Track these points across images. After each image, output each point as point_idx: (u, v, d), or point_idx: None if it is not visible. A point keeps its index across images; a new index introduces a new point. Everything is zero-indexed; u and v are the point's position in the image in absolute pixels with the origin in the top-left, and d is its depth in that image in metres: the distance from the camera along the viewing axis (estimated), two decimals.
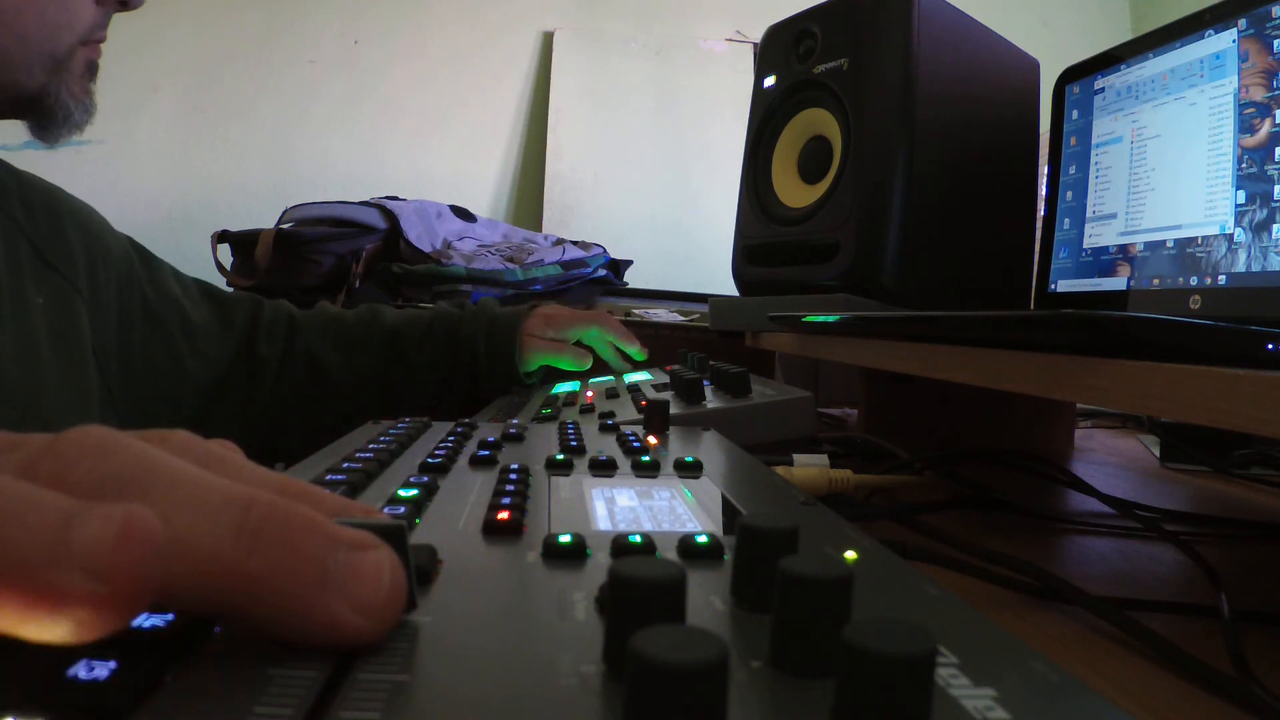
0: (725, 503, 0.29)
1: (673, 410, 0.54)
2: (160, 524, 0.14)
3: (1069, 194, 0.76)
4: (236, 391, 0.75)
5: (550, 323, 0.82)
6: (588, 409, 0.60)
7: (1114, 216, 0.70)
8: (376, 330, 0.80)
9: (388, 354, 0.80)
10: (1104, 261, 0.71)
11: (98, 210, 0.72)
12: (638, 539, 0.22)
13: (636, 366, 0.85)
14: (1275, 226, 0.55)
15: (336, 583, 0.15)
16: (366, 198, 1.46)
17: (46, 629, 0.13)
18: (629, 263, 1.58)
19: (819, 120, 0.80)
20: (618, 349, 0.85)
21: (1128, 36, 0.72)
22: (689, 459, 0.34)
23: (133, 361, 0.69)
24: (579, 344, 0.83)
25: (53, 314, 0.61)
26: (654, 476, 0.33)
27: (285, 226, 1.34)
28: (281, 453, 0.79)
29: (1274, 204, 0.56)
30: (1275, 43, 0.56)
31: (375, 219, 1.36)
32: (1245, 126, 0.58)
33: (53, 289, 0.62)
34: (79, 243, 0.66)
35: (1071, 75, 0.77)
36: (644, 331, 0.99)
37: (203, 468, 0.17)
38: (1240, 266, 0.58)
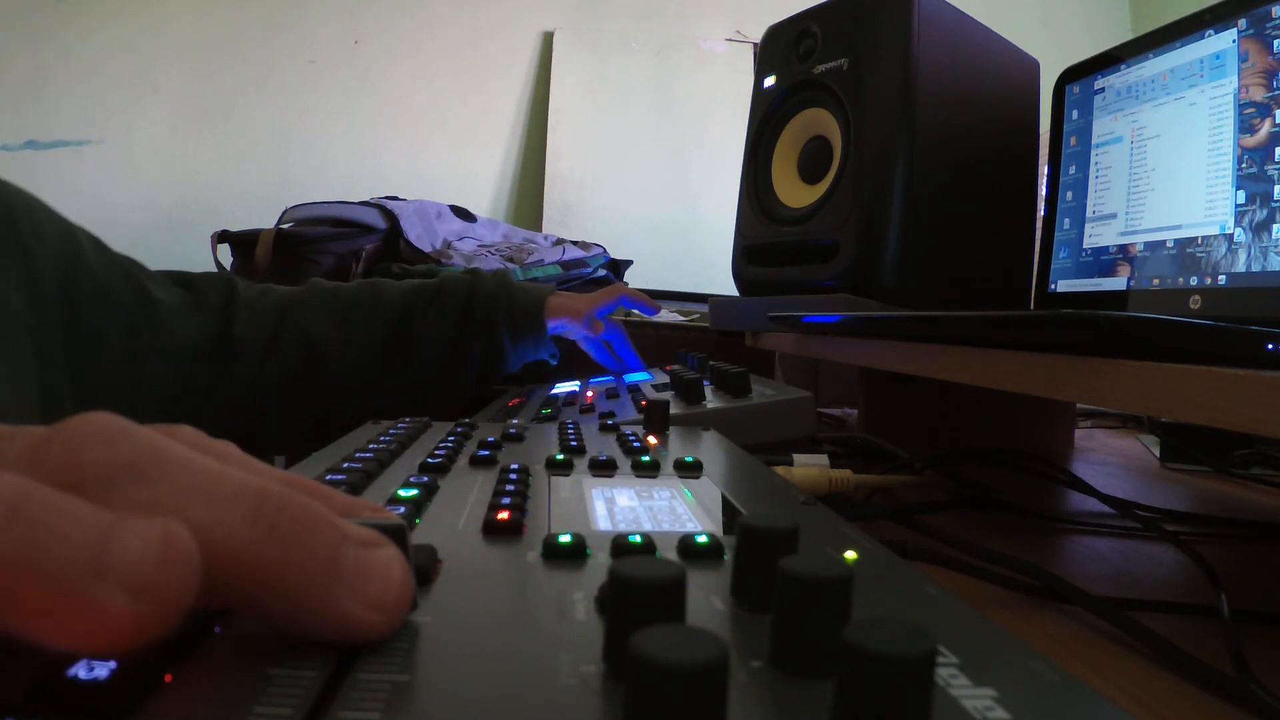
0: (725, 503, 0.29)
1: (673, 410, 0.54)
2: (194, 540, 0.14)
3: (1069, 194, 0.76)
4: (209, 374, 0.71)
5: (571, 298, 0.82)
6: (588, 409, 0.60)
7: (1114, 216, 0.70)
8: (379, 300, 0.77)
9: (392, 323, 0.76)
10: (1104, 261, 0.71)
11: (68, 206, 0.65)
12: (638, 539, 0.22)
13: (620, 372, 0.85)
14: (1275, 226, 0.55)
15: (348, 578, 0.15)
16: (366, 198, 1.46)
17: (84, 643, 0.13)
18: (629, 263, 1.58)
19: (819, 120, 0.80)
20: (614, 353, 0.85)
21: (1128, 36, 0.72)
22: (689, 459, 0.34)
23: (82, 339, 0.63)
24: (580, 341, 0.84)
25: None
26: (654, 476, 0.33)
27: (285, 226, 1.34)
28: (264, 440, 0.77)
29: (1274, 204, 0.56)
30: (1275, 43, 0.56)
31: (375, 219, 1.35)
32: (1245, 126, 0.58)
33: None
34: (7, 233, 0.58)
35: (1071, 75, 0.77)
36: (644, 331, 0.99)
37: None
38: (1240, 266, 0.58)
